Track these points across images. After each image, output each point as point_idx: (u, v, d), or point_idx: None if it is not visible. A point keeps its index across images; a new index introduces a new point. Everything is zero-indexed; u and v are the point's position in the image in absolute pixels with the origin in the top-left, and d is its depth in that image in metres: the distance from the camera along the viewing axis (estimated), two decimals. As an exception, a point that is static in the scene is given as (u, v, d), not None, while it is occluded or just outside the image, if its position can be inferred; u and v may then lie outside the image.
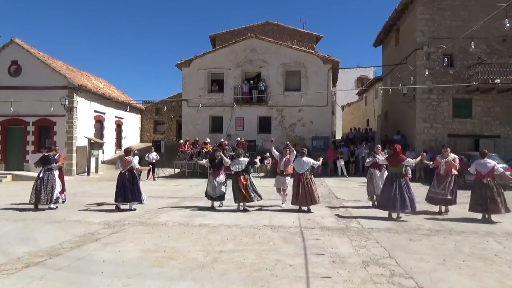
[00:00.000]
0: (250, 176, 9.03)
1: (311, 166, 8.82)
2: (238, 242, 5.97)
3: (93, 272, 4.59)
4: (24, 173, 17.45)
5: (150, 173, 16.49)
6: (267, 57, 20.79)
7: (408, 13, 18.50)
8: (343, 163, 17.19)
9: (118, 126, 24.20)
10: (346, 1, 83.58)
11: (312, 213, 8.47)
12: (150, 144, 22.26)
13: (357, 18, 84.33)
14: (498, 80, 15.77)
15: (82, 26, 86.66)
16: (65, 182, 10.08)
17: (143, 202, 9.21)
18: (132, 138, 26.42)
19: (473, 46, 12.19)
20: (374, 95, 27.60)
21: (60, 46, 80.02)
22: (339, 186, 13.69)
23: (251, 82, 21.03)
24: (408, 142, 17.81)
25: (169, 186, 14.40)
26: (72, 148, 18.08)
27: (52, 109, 16.89)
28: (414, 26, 17.43)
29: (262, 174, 17.18)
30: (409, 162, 7.93)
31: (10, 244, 5.98)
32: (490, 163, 7.70)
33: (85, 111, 19.24)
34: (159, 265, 4.86)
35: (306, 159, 8.77)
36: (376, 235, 6.39)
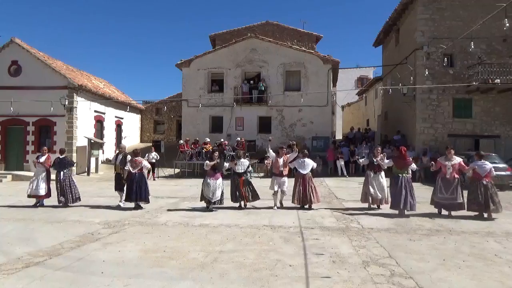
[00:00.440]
0: (249, 176, 9.21)
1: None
2: (238, 242, 5.97)
3: (93, 272, 4.59)
4: (24, 173, 17.44)
5: (150, 173, 16.48)
6: (267, 57, 20.79)
7: (408, 13, 18.50)
8: (343, 163, 17.18)
9: (118, 126, 24.21)
10: (346, 1, 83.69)
11: (312, 209, 8.75)
12: (150, 144, 22.27)
13: (357, 18, 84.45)
14: (498, 80, 15.75)
15: (82, 26, 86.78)
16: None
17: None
18: (132, 138, 26.42)
19: (473, 46, 12.20)
20: (374, 95, 27.59)
21: (60, 46, 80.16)
22: (339, 186, 13.68)
23: (251, 82, 21.03)
24: (408, 142, 17.79)
25: (169, 186, 14.39)
26: (72, 148, 18.07)
27: (52, 109, 16.90)
28: (414, 26, 17.42)
29: (262, 174, 17.18)
30: (414, 167, 8.61)
31: (10, 244, 5.98)
32: (487, 166, 8.09)
33: (85, 111, 19.25)
34: (159, 265, 4.86)
35: (309, 161, 9.18)
36: (376, 235, 6.39)
